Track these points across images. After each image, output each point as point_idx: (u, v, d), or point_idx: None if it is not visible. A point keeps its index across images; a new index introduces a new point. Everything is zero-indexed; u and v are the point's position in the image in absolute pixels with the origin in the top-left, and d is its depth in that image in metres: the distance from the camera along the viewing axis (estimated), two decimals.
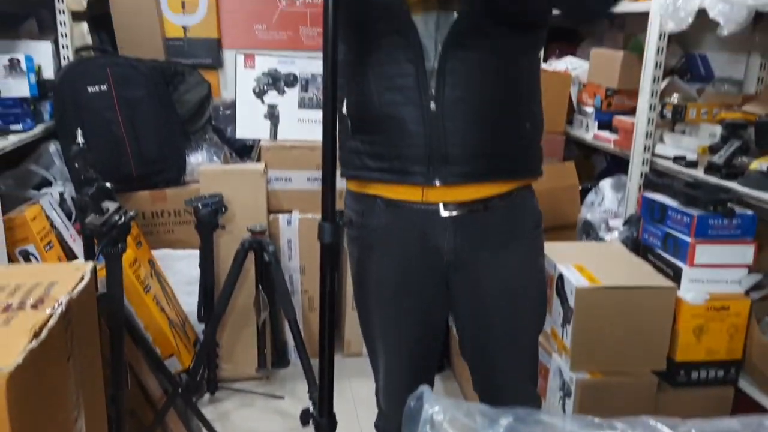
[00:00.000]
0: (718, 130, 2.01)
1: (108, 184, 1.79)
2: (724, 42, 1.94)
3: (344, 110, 1.30)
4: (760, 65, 2.16)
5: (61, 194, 2.45)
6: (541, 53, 1.24)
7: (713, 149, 1.97)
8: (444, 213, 1.25)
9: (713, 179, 1.88)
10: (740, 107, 2.01)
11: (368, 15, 1.17)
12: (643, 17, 2.18)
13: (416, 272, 1.32)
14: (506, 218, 1.28)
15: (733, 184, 1.82)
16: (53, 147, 2.53)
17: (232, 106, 3.19)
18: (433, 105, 1.17)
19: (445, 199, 1.24)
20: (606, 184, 2.54)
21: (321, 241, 1.15)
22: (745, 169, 1.83)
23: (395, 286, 1.34)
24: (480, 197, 1.24)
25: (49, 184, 2.49)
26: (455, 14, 1.14)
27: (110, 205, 1.71)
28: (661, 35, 2.09)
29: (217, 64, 3.57)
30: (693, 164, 2.01)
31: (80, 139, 1.79)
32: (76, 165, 1.75)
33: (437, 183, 1.21)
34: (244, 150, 3.17)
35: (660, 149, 2.19)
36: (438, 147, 1.19)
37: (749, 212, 1.77)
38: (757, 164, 1.81)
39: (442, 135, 1.18)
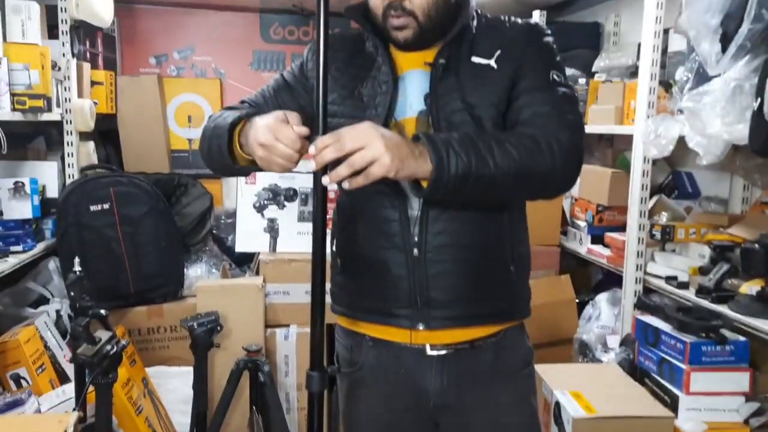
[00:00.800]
0: (707, 250, 2.04)
1: (103, 312, 1.81)
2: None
3: (334, 248, 1.34)
4: (743, 186, 2.22)
5: (58, 312, 2.46)
6: None
7: (703, 271, 1.99)
8: (430, 352, 1.26)
9: (704, 302, 1.89)
10: (726, 229, 2.05)
11: None
12: (630, 137, 2.26)
13: (403, 412, 1.31)
14: (494, 357, 1.28)
15: (724, 309, 1.83)
16: (53, 264, 2.56)
17: (233, 215, 3.25)
18: (416, 251, 1.21)
19: (430, 341, 1.25)
20: (602, 298, 2.54)
21: (308, 390, 1.15)
22: (735, 292, 1.84)
23: (383, 426, 1.33)
24: (466, 339, 1.25)
25: (46, 300, 2.51)
26: None
27: (103, 335, 1.72)
28: (645, 159, 2.16)
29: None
30: (684, 285, 2.03)
31: (77, 268, 1.82)
32: (72, 294, 1.77)
33: (421, 327, 1.23)
34: (244, 258, 3.21)
35: (652, 268, 2.21)
36: (421, 291, 1.22)
37: (741, 339, 1.76)
38: (747, 288, 1.82)
39: (425, 280, 1.21)
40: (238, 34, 3.69)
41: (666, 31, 2.20)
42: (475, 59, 1.21)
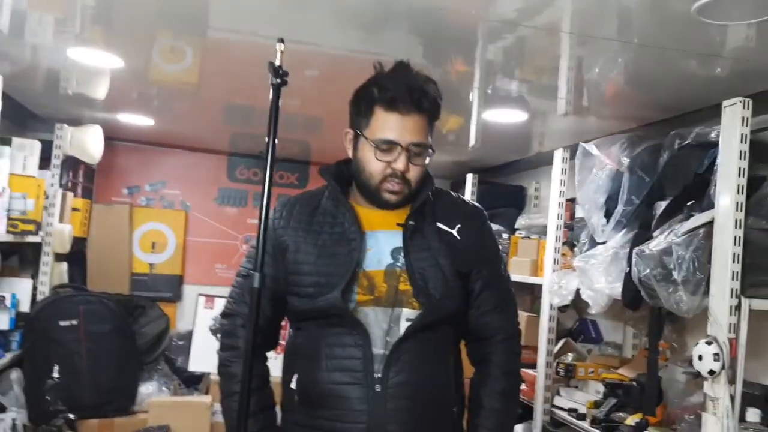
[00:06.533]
0: (601, 387, 2.41)
1: (71, 416, 2.02)
2: (607, 312, 2.42)
3: (292, 385, 1.42)
4: (632, 334, 2.64)
5: (14, 420, 2.60)
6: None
7: (597, 404, 2.34)
8: None
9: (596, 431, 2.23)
10: (617, 369, 2.43)
11: (317, 311, 1.41)
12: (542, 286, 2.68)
13: None
14: None
15: None
16: (14, 374, 2.72)
17: (185, 337, 3.49)
18: (378, 387, 1.33)
19: None
20: (518, 429, 2.84)
21: None
22: (620, 423, 2.19)
23: None
24: None
25: (3, 409, 2.64)
26: (404, 310, 1.37)
27: None
28: (551, 306, 2.57)
29: (176, 298, 3.93)
30: (582, 417, 2.37)
31: (56, 375, 2.03)
32: (48, 398, 1.98)
33: None
34: (192, 380, 3.40)
35: (558, 401, 2.55)
36: (379, 425, 1.33)
37: None
38: (631, 420, 2.17)
39: (383, 414, 1.33)
40: (206, 172, 4.09)
41: (573, 200, 2.69)
42: (440, 225, 1.43)
